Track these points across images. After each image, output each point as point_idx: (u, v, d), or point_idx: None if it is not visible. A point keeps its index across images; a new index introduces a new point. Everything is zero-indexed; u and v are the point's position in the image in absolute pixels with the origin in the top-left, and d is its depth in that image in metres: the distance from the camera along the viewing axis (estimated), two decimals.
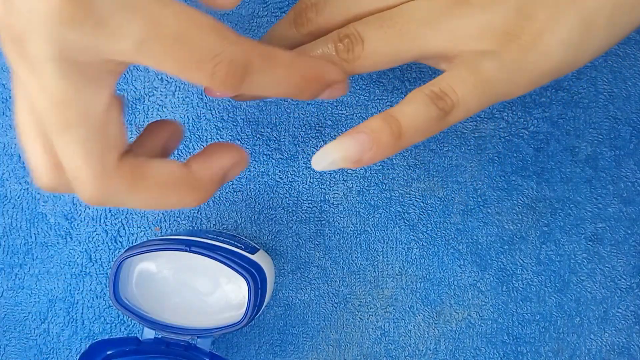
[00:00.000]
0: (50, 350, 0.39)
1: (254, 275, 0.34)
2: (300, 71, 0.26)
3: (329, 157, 0.26)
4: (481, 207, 0.38)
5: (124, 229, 0.38)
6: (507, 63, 0.26)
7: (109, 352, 0.33)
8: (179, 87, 0.38)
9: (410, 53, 0.27)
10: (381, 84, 0.38)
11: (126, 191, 0.24)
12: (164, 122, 0.29)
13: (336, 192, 0.38)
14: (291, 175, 0.38)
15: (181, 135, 0.29)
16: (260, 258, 0.36)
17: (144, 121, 0.38)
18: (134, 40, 0.21)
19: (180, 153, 0.38)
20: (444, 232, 0.38)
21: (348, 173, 0.38)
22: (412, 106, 0.26)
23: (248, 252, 0.35)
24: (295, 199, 0.38)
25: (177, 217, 0.38)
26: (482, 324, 0.39)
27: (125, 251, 0.33)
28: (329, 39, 0.28)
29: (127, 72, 0.37)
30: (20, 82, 0.23)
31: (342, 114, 0.38)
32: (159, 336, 0.35)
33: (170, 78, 0.37)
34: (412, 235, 0.38)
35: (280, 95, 0.26)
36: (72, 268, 0.39)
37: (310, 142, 0.38)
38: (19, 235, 0.39)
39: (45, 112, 0.22)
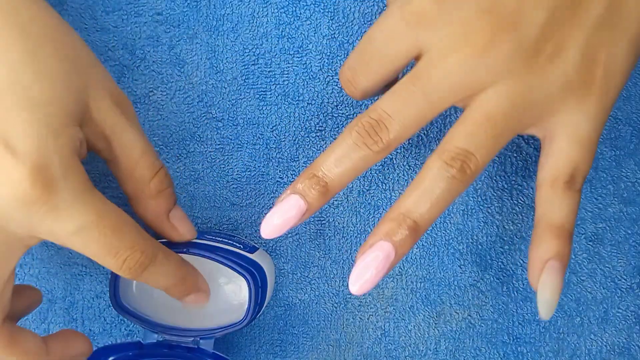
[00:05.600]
0: None
1: (254, 274, 0.34)
2: (184, 272, 0.32)
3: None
4: (481, 207, 0.38)
5: None
6: (593, 115, 0.28)
7: (111, 358, 0.33)
8: (180, 87, 0.37)
9: (509, 140, 0.29)
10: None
11: (1, 351, 0.28)
12: (29, 289, 0.34)
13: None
14: (291, 176, 0.38)
15: (40, 300, 0.34)
16: (259, 257, 0.36)
17: (143, 121, 0.38)
18: (76, 226, 0.26)
19: (180, 153, 0.38)
20: (444, 232, 0.38)
21: None
22: (569, 202, 0.29)
23: (247, 252, 0.35)
24: None
25: None
26: (483, 324, 0.39)
27: None
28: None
29: (128, 72, 0.37)
30: None
31: (342, 114, 0.38)
32: (161, 339, 0.35)
33: (171, 78, 0.37)
34: None
35: (160, 287, 0.32)
36: (72, 268, 0.39)
37: (311, 142, 0.38)
38: None
39: None
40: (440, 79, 0.27)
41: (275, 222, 0.29)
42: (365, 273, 0.28)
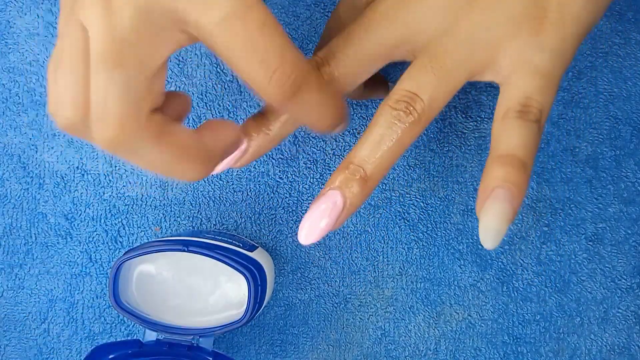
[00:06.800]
0: (50, 350, 0.39)
1: (253, 273, 0.34)
2: (337, 103, 0.27)
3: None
4: None
5: (124, 229, 0.38)
6: (548, 46, 0.27)
7: (111, 357, 0.33)
8: (179, 87, 0.38)
9: (462, 83, 0.27)
10: None
11: (147, 142, 0.24)
12: (179, 94, 0.30)
13: None
14: (291, 175, 0.38)
15: (190, 107, 0.30)
16: (259, 255, 0.36)
17: None
18: (221, 15, 0.22)
19: None
20: (444, 232, 0.38)
21: None
22: (520, 130, 0.27)
23: (246, 250, 0.35)
24: (296, 199, 0.38)
25: (177, 217, 0.38)
26: (483, 324, 0.39)
27: (124, 254, 0.33)
28: (387, 112, 0.27)
29: None
30: (75, 19, 0.23)
31: None
32: (161, 338, 0.35)
33: (171, 78, 0.37)
34: (413, 235, 0.38)
35: (312, 120, 0.27)
36: (72, 268, 0.39)
37: (311, 142, 0.38)
38: (19, 235, 0.39)
39: (101, 47, 0.22)
40: (378, 12, 0.27)
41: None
42: (312, 221, 0.27)
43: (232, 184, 0.38)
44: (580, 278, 0.38)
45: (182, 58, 0.37)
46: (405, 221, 0.38)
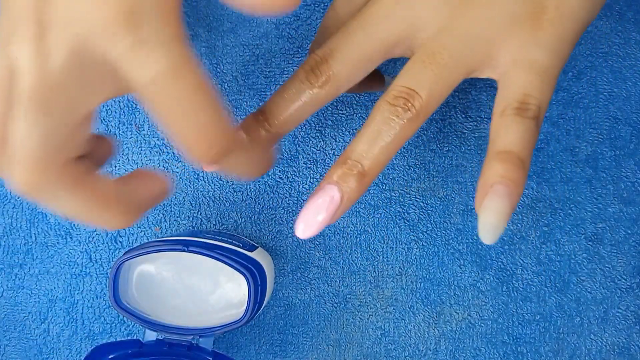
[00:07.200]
0: (50, 350, 0.39)
1: (253, 273, 0.34)
2: (263, 157, 0.28)
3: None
4: None
5: (124, 229, 0.38)
6: (546, 44, 0.27)
7: (111, 357, 0.33)
8: None
9: (460, 79, 0.27)
10: None
11: (65, 190, 0.24)
12: (104, 138, 0.29)
13: None
14: (291, 175, 0.38)
15: (115, 152, 0.30)
16: (258, 255, 0.36)
17: (143, 121, 0.38)
18: (153, 73, 0.22)
19: (180, 153, 0.38)
20: (444, 232, 0.38)
21: None
22: (518, 127, 0.27)
23: (246, 250, 0.35)
24: (296, 199, 0.38)
25: (177, 217, 0.38)
26: (482, 324, 0.39)
27: (124, 254, 0.33)
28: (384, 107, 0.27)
29: None
30: (6, 54, 0.22)
31: (342, 113, 0.38)
32: (161, 337, 0.35)
33: None
34: (412, 235, 0.38)
35: (239, 175, 0.28)
36: (72, 268, 0.39)
37: (311, 142, 0.38)
38: (19, 235, 0.39)
39: (29, 88, 0.22)
40: (376, 10, 0.27)
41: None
42: (310, 215, 0.27)
43: (232, 184, 0.38)
44: (580, 278, 0.38)
45: None
46: (405, 221, 0.38)
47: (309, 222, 0.27)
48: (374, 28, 0.27)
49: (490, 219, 0.26)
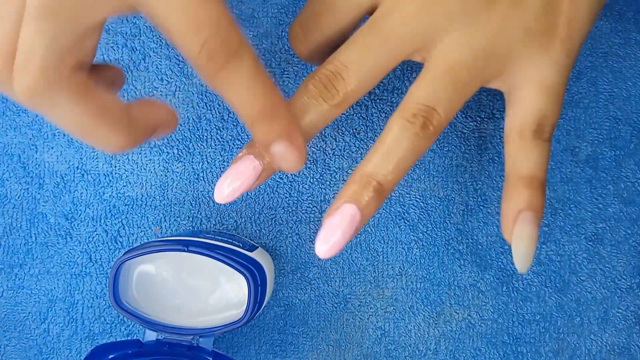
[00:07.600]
0: (50, 350, 0.39)
1: (253, 273, 0.34)
2: (271, 94, 0.26)
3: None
4: (481, 207, 0.38)
5: (124, 229, 0.38)
6: (557, 63, 0.27)
7: (111, 357, 0.33)
8: (179, 87, 0.38)
9: (474, 92, 0.28)
10: (381, 84, 0.38)
11: (67, 97, 0.23)
12: (111, 66, 0.29)
13: (336, 192, 0.38)
14: (291, 175, 0.38)
15: (123, 80, 0.30)
16: (258, 255, 0.36)
17: None
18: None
19: (180, 153, 0.38)
20: (444, 232, 0.38)
21: (348, 173, 0.38)
22: (537, 150, 0.28)
23: (246, 250, 0.35)
24: (296, 199, 0.38)
25: (177, 217, 0.38)
26: (482, 324, 0.39)
27: (124, 254, 0.33)
28: None
29: (129, 72, 0.37)
30: None
31: (342, 114, 0.38)
32: (161, 338, 0.35)
33: (171, 78, 0.37)
34: (412, 235, 0.38)
35: (238, 104, 0.26)
36: (72, 268, 0.39)
37: (311, 142, 0.38)
38: (19, 235, 0.39)
39: None
40: (397, 26, 0.27)
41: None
42: (332, 236, 0.27)
43: None
44: (580, 278, 0.38)
45: (182, 58, 0.37)
46: (405, 221, 0.38)
47: (332, 243, 0.27)
48: (395, 45, 0.27)
49: (524, 247, 0.27)
